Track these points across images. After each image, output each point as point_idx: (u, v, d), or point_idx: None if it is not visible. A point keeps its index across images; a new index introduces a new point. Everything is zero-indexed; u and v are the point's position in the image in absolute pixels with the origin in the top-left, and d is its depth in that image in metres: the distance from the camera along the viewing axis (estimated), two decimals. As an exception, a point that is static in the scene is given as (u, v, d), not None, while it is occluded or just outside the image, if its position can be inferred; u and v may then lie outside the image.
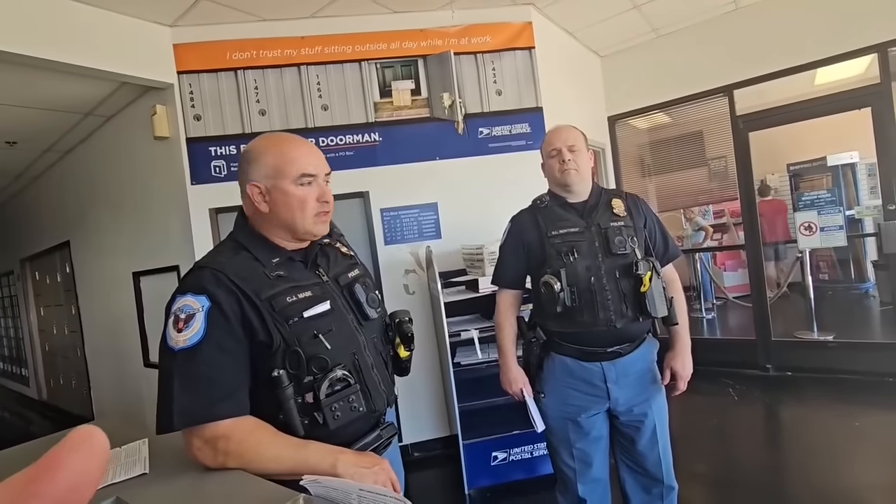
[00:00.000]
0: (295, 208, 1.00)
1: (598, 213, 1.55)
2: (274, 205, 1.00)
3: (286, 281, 0.98)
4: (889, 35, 3.12)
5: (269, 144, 1.02)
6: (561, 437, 1.59)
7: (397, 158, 3.01)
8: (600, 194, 1.61)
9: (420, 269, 3.04)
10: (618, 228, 1.50)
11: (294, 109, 2.93)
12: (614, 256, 1.47)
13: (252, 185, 0.99)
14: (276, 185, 0.99)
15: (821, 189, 4.68)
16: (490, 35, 3.09)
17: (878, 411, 2.95)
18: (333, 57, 2.97)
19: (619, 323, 1.46)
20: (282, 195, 0.99)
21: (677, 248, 1.68)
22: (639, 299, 1.45)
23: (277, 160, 1.00)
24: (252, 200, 1.00)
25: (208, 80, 2.85)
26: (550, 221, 1.55)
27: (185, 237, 2.85)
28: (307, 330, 0.95)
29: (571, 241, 1.49)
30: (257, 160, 1.00)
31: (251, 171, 1.00)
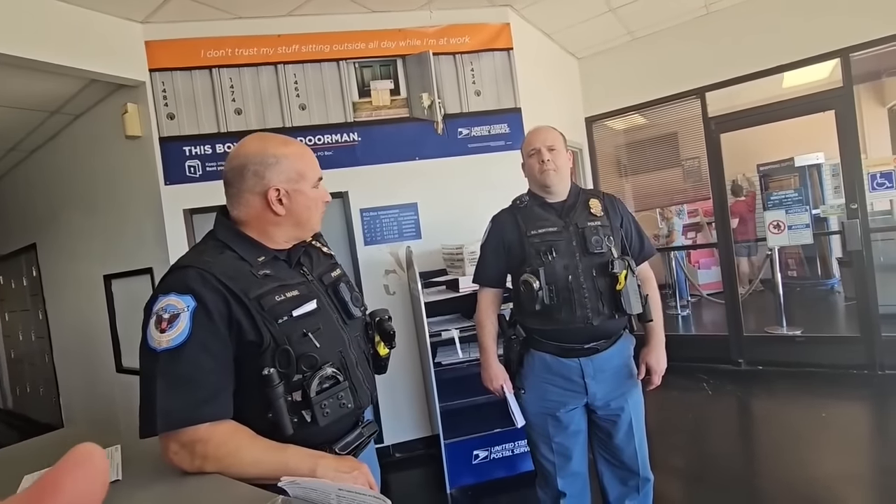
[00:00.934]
0: (313, 209, 1.05)
1: (576, 213, 1.58)
2: (294, 206, 1.01)
3: (273, 280, 0.97)
4: (851, 41, 3.26)
5: (284, 147, 1.02)
6: (540, 432, 1.62)
7: (377, 158, 3.00)
8: (578, 194, 1.64)
9: (400, 269, 3.04)
10: (595, 228, 1.53)
11: (271, 109, 2.89)
12: (591, 255, 1.50)
13: (273, 189, 0.98)
14: (297, 188, 1.01)
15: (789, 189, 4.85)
16: (468, 35, 3.11)
17: (843, 402, 3.07)
18: (311, 56, 2.95)
19: (596, 320, 1.49)
20: (303, 198, 1.02)
21: (652, 246, 1.72)
22: (615, 297, 1.49)
23: (300, 165, 1.02)
24: (269, 203, 0.99)
25: (182, 79, 2.79)
26: (530, 221, 1.58)
27: (159, 239, 2.78)
28: (296, 329, 0.95)
29: (550, 241, 1.52)
30: (278, 164, 0.99)
31: (270, 175, 0.98)
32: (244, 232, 1.01)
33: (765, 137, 5.50)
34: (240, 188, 0.99)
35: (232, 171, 1.00)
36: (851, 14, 3.23)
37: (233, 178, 1.00)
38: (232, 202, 1.02)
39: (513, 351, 1.64)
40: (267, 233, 1.02)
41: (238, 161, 1.00)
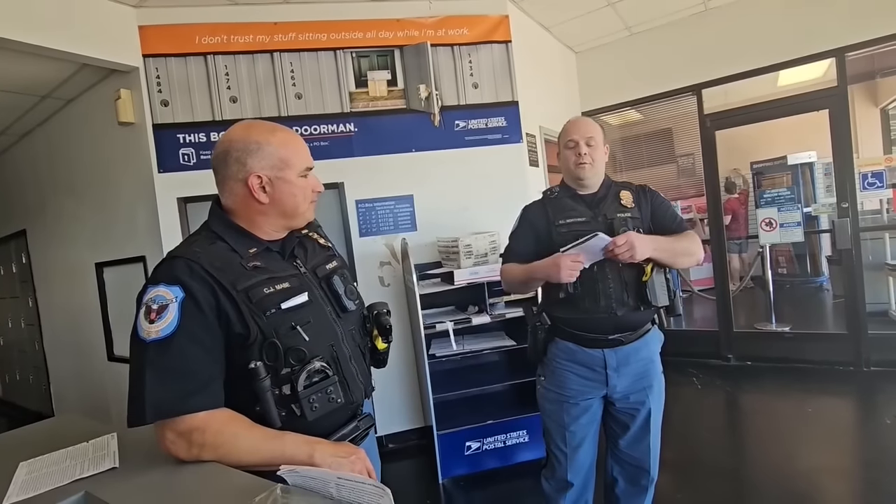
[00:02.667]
0: (299, 198, 1.02)
1: (606, 204, 1.57)
2: (278, 195, 0.99)
3: (263, 272, 0.97)
4: (846, 41, 3.27)
5: (268, 134, 1.00)
6: (556, 420, 1.61)
7: (373, 149, 2.99)
8: (610, 186, 1.63)
9: (395, 261, 3.03)
10: (624, 219, 1.53)
11: (267, 97, 2.86)
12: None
13: (254, 176, 0.97)
14: (281, 176, 0.99)
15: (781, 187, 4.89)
16: (467, 27, 3.09)
17: (829, 398, 3.13)
18: (308, 44, 2.91)
19: (620, 311, 1.49)
20: (287, 186, 1.00)
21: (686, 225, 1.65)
22: (640, 289, 1.49)
23: (285, 152, 1.00)
24: (251, 191, 0.98)
25: (176, 65, 2.75)
26: (559, 211, 1.58)
27: (152, 227, 2.76)
28: (285, 321, 0.94)
29: (577, 231, 1.51)
30: (260, 151, 0.98)
31: (252, 162, 0.97)
32: (236, 222, 1.01)
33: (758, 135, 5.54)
34: (224, 175, 0.99)
35: (216, 157, 1.00)
36: (847, 14, 3.25)
37: (217, 164, 0.99)
38: (220, 190, 1.02)
39: (538, 339, 1.63)
40: (255, 222, 1.01)
41: (222, 147, 0.99)
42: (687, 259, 1.54)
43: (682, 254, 1.53)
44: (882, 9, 3.15)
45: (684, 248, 1.53)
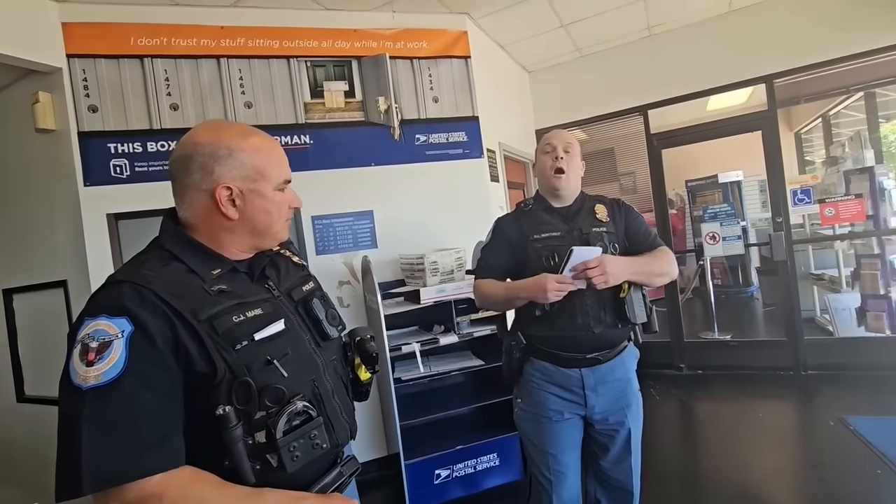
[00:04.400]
0: (274, 215, 0.88)
1: (581, 218, 1.54)
2: (249, 210, 0.85)
3: (230, 297, 0.81)
4: (775, 68, 3.56)
5: (241, 139, 0.85)
6: (538, 445, 1.54)
7: (330, 163, 2.84)
8: (584, 200, 1.60)
9: (355, 280, 2.87)
10: (599, 234, 1.50)
11: (213, 105, 2.65)
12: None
13: (222, 188, 0.82)
14: (255, 188, 0.85)
15: (713, 203, 5.22)
16: (426, 41, 3.05)
17: (776, 402, 3.29)
18: (258, 51, 2.74)
19: (598, 328, 1.45)
20: (261, 200, 0.86)
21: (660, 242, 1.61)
22: (618, 305, 1.45)
23: (260, 160, 0.86)
24: (217, 204, 0.83)
25: (108, 67, 2.49)
26: (534, 225, 1.54)
27: (76, 247, 2.44)
28: (259, 355, 0.79)
29: (553, 246, 1.48)
30: (231, 158, 0.83)
31: (220, 171, 0.82)
32: (195, 238, 0.86)
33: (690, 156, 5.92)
34: (184, 183, 0.83)
35: (176, 161, 0.84)
36: (775, 44, 3.53)
37: (177, 170, 0.84)
38: (177, 200, 0.86)
39: (512, 358, 1.56)
40: (218, 240, 0.86)
41: (184, 150, 0.84)
42: (662, 279, 1.52)
43: (658, 274, 1.50)
44: (804, 41, 3.45)
45: (660, 268, 1.51)
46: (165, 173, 2.73)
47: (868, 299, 3.79)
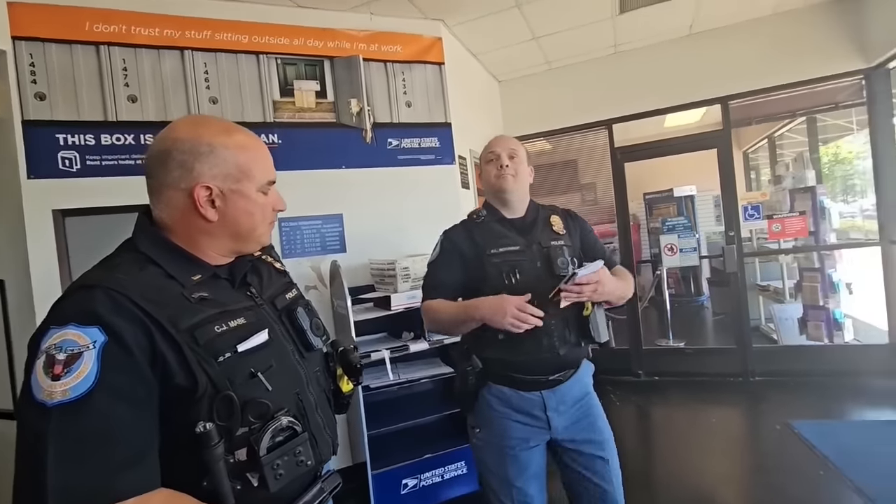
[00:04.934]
0: (257, 217, 0.84)
1: (538, 231, 1.46)
2: (231, 211, 0.80)
3: (212, 305, 0.77)
4: (731, 90, 3.76)
5: (224, 136, 0.80)
6: (500, 477, 1.41)
7: (299, 164, 2.76)
8: (538, 210, 1.53)
9: (322, 285, 2.80)
10: (559, 248, 1.43)
11: (175, 99, 2.52)
12: (557, 278, 1.36)
13: (202, 187, 0.77)
14: (237, 189, 0.80)
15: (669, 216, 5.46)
16: (400, 45, 3.02)
17: (727, 408, 3.45)
18: (225, 45, 2.64)
19: (563, 349, 1.37)
20: (244, 202, 0.81)
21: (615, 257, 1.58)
22: (582, 324, 1.38)
23: (244, 159, 0.81)
24: (196, 204, 0.77)
25: (58, 52, 2.32)
26: (490, 238, 1.43)
27: (16, 244, 2.24)
28: (242, 368, 0.75)
29: (513, 261, 1.39)
30: (212, 155, 0.78)
31: (201, 169, 0.77)
32: (173, 241, 0.80)
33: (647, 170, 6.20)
34: (161, 181, 0.78)
35: (153, 157, 0.79)
36: (730, 68, 3.74)
37: (153, 166, 0.79)
38: (152, 199, 0.81)
39: (468, 384, 1.43)
40: (196, 242, 0.81)
41: (161, 146, 0.78)
42: (623, 301, 1.46)
43: (626, 297, 1.45)
44: (757, 66, 3.67)
45: (629, 292, 1.46)
46: (121, 168, 2.55)
47: (809, 309, 4.05)
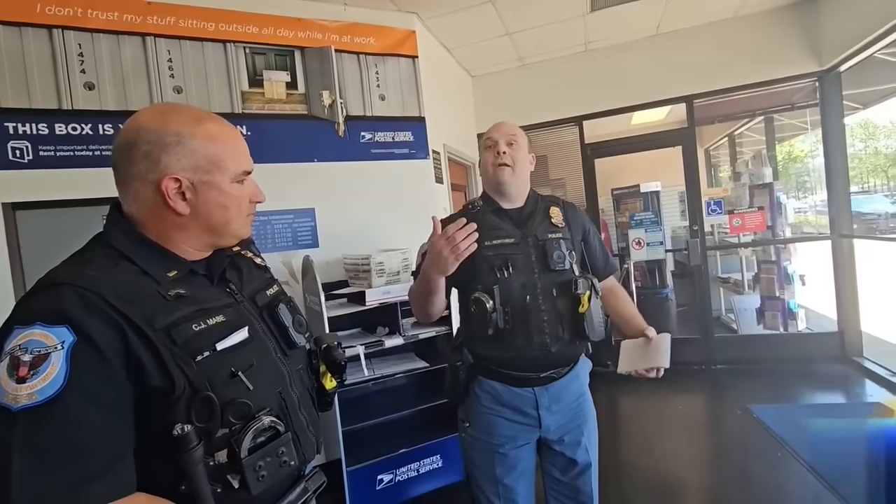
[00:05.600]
0: (232, 208, 0.80)
1: (535, 223, 1.40)
2: (203, 204, 0.77)
3: (190, 302, 0.74)
4: (695, 90, 3.89)
5: (193, 124, 0.76)
6: (487, 474, 1.40)
7: (269, 157, 2.69)
8: (537, 201, 1.46)
9: (294, 280, 2.74)
10: (556, 241, 1.37)
11: (137, 88, 2.41)
12: (552, 273, 1.34)
13: (170, 179, 0.73)
14: (208, 180, 0.77)
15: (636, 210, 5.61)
16: (374, 37, 2.98)
17: (692, 395, 3.59)
18: (190, 32, 2.53)
19: (555, 346, 1.33)
20: (216, 194, 0.78)
21: (615, 262, 1.58)
22: (576, 321, 1.33)
23: (215, 148, 0.77)
24: (165, 197, 0.73)
25: (7, 36, 2.17)
26: (483, 230, 1.32)
27: (-38, 240, 2.10)
28: (222, 367, 0.72)
29: (506, 255, 1.34)
30: (180, 146, 0.74)
31: (168, 160, 0.73)
32: (147, 236, 0.77)
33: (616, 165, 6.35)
34: (127, 173, 0.74)
35: (118, 148, 0.75)
36: (695, 68, 3.86)
37: (119, 158, 0.75)
38: (121, 192, 0.77)
39: (458, 379, 1.41)
40: (169, 237, 0.78)
41: (126, 136, 0.74)
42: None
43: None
44: (721, 67, 3.80)
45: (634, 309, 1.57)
46: (77, 159, 2.43)
47: (766, 300, 4.25)
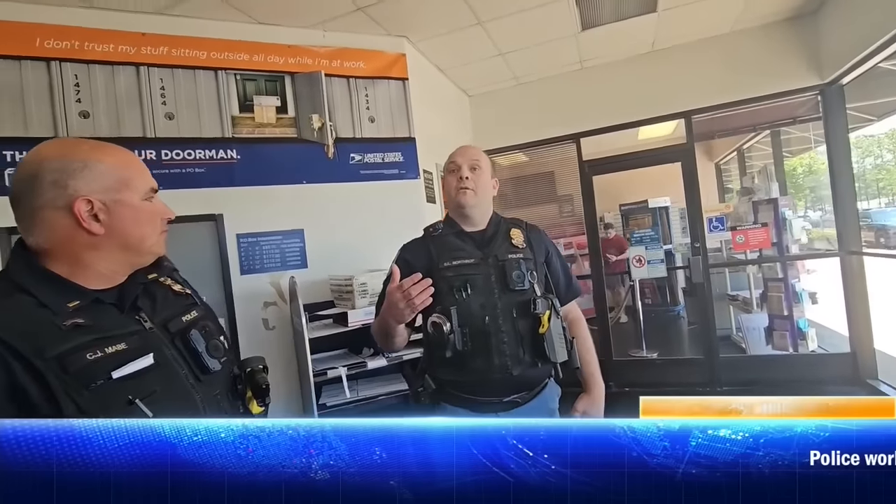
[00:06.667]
0: (145, 224, 0.84)
1: (496, 244, 1.41)
2: (117, 223, 0.79)
3: (87, 331, 0.74)
4: (693, 105, 3.84)
5: (96, 152, 0.80)
6: None
7: (258, 179, 2.74)
8: (499, 223, 1.47)
9: (282, 301, 2.77)
10: (516, 261, 1.37)
11: (129, 115, 2.49)
12: (511, 293, 1.33)
13: (82, 201, 0.76)
14: (120, 199, 0.80)
15: (644, 227, 5.52)
16: (363, 61, 3.04)
17: (694, 418, 3.47)
18: (183, 61, 2.62)
19: (516, 369, 1.31)
20: (129, 211, 0.81)
21: (579, 285, 1.57)
22: (536, 342, 1.31)
23: (119, 170, 0.81)
24: (79, 220, 0.76)
25: (6, 68, 2.28)
26: (444, 251, 1.37)
27: (-42, 264, 2.18)
28: (118, 395, 0.73)
29: (466, 275, 1.34)
30: (87, 170, 0.77)
31: (77, 185, 0.76)
32: (48, 268, 0.77)
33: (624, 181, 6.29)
34: (33, 205, 0.75)
35: (20, 181, 0.76)
36: (693, 84, 3.83)
37: (21, 192, 0.76)
38: (24, 226, 0.77)
39: (422, 406, 1.39)
40: (83, 263, 0.79)
41: (29, 169, 0.75)
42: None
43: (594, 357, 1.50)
44: (719, 82, 3.76)
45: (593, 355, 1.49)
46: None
47: (775, 319, 4.11)
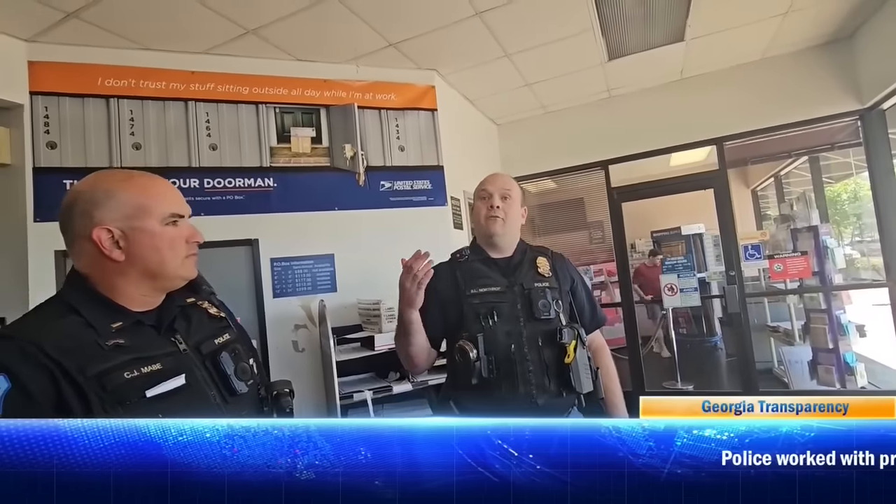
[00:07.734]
0: (164, 249, 0.86)
1: (522, 272, 1.41)
2: (136, 249, 0.84)
3: (126, 352, 0.80)
4: (725, 132, 3.79)
5: (123, 182, 0.86)
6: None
7: (293, 206, 2.86)
8: (525, 251, 1.47)
9: (312, 324, 2.83)
10: (542, 290, 1.37)
11: (177, 146, 2.67)
12: (537, 321, 1.33)
13: (100, 230, 0.82)
14: (138, 226, 0.84)
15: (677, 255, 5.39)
16: (394, 93, 3.17)
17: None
18: (227, 96, 2.81)
19: (541, 398, 1.30)
20: (147, 237, 0.85)
21: (604, 314, 1.56)
22: (562, 371, 1.31)
23: (138, 198, 0.85)
24: (100, 248, 0.82)
25: (71, 105, 2.50)
26: (470, 278, 1.38)
27: (18, 282, 2.36)
28: (150, 413, 0.77)
29: (492, 302, 1.34)
30: (109, 200, 0.83)
31: (99, 214, 0.82)
32: (97, 290, 0.84)
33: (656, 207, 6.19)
34: (71, 234, 0.83)
35: (61, 213, 0.84)
36: (725, 110, 3.79)
37: (64, 221, 0.84)
38: (70, 252, 0.86)
39: None
40: (115, 287, 0.84)
41: (68, 200, 0.84)
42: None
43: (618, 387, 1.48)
44: (752, 108, 3.71)
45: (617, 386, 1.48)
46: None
47: (818, 352, 3.90)
